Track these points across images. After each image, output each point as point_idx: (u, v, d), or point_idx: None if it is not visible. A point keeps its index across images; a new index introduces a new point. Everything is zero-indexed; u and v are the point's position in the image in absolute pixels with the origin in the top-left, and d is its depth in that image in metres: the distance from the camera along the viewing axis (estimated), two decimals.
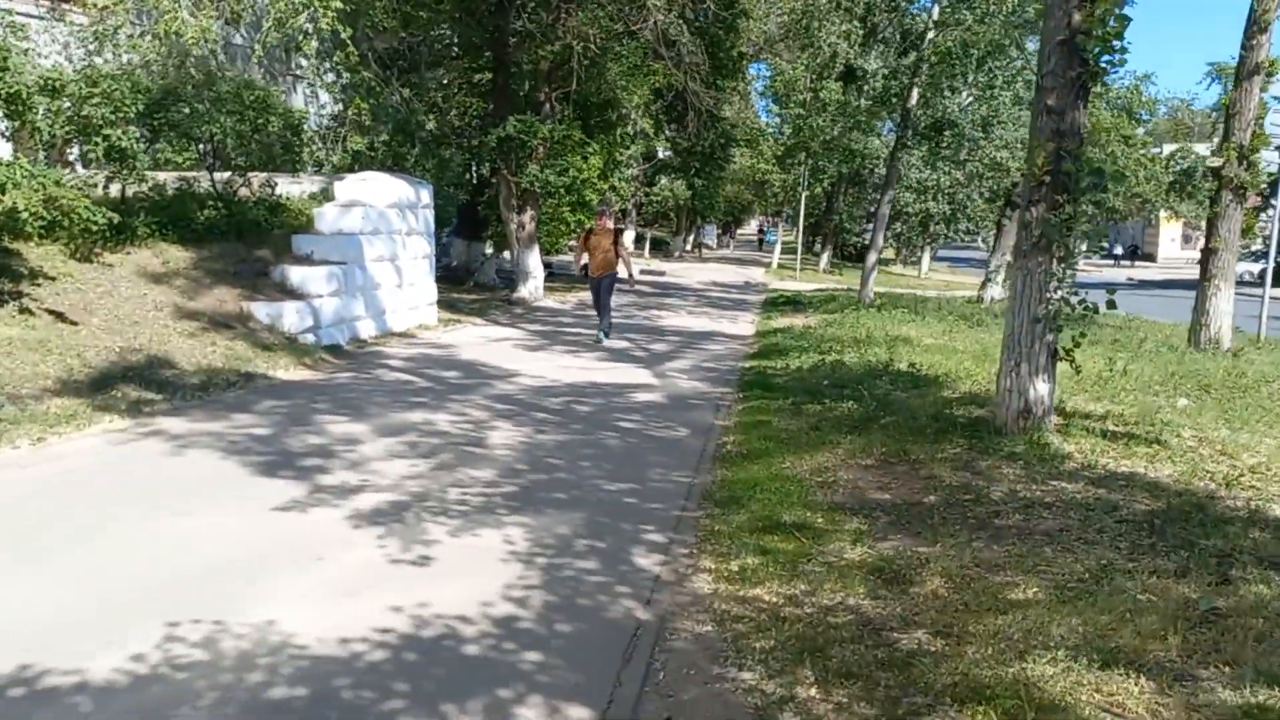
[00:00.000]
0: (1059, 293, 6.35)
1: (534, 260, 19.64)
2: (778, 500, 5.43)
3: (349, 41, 14.02)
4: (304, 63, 15.48)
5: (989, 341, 13.11)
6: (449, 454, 6.60)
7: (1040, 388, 6.37)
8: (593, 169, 21.35)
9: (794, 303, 22.54)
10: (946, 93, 20.05)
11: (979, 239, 79.43)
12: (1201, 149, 48.52)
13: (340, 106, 16.17)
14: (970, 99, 23.63)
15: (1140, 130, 51.48)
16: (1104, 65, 6.41)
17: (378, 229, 13.00)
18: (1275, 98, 16.58)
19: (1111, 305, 6.50)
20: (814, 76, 39.07)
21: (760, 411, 8.21)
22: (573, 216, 22.29)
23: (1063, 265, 6.31)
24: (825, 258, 42.01)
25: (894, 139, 21.31)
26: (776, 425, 7.56)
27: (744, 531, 4.96)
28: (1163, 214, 58.62)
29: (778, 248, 45.94)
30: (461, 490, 5.71)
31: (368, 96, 15.65)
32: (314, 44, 13.98)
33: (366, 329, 12.56)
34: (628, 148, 30.30)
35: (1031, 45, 28.15)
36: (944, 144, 20.63)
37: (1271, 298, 16.65)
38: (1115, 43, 6.38)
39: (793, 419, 7.77)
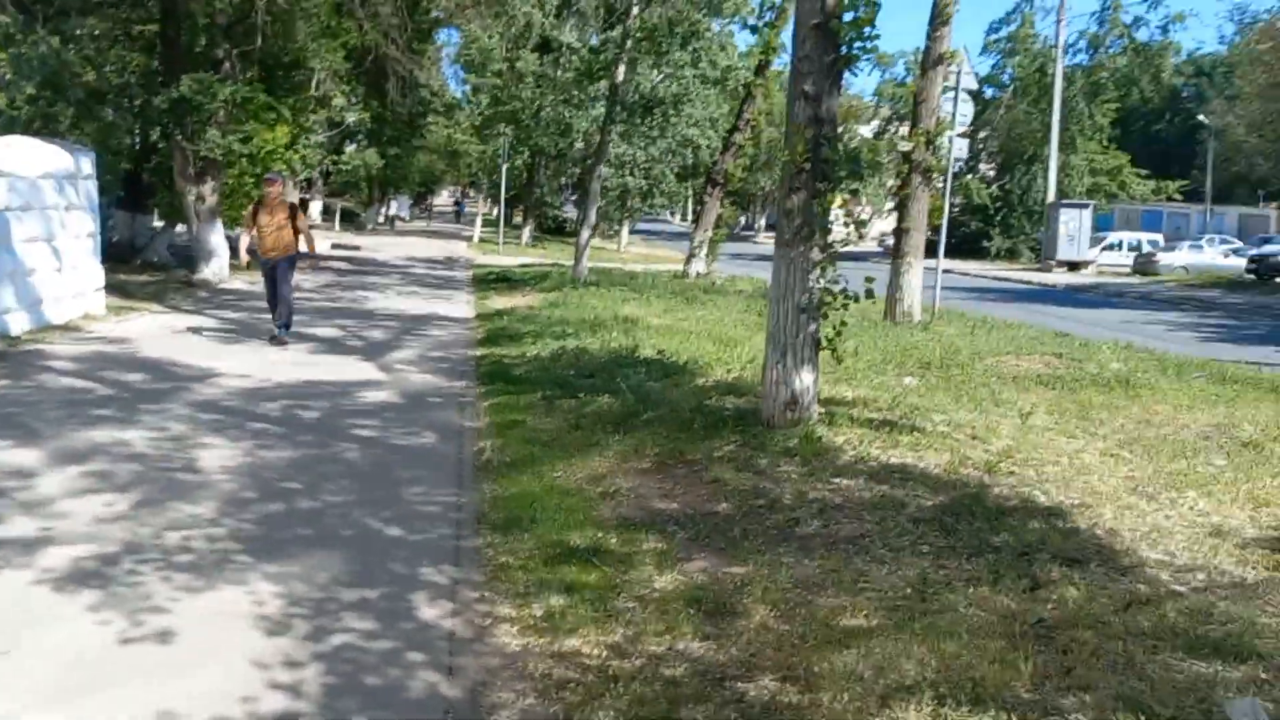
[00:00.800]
0: (821, 282, 6.28)
1: (216, 237, 17.70)
2: (563, 519, 4.92)
3: None
4: None
5: (713, 320, 13.34)
6: (155, 484, 5.49)
7: (806, 378, 6.29)
8: (280, 137, 19.61)
9: (507, 280, 22.00)
10: (653, 70, 20.22)
11: (671, 213, 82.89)
12: (866, 131, 53.17)
13: None
14: (661, 77, 24.11)
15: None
16: (857, 51, 6.38)
17: (29, 204, 10.96)
18: (949, 88, 18.05)
19: (870, 295, 6.53)
20: (510, 46, 38.52)
21: (510, 409, 7.63)
22: (258, 189, 20.41)
23: (825, 254, 6.24)
24: (528, 232, 41.75)
25: (603, 113, 21.26)
26: (533, 425, 7.03)
27: (536, 562, 4.41)
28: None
29: (478, 221, 45.08)
30: (183, 534, 4.70)
31: (4, 44, 13.19)
32: None
33: (19, 323, 10.58)
34: (315, 113, 28.33)
35: (717, 26, 29.38)
36: (652, 121, 20.79)
37: (932, 269, 18.21)
38: (867, 29, 6.37)
39: (548, 416, 7.27)
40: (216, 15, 16.63)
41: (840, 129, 6.56)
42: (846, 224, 7.30)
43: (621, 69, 19.72)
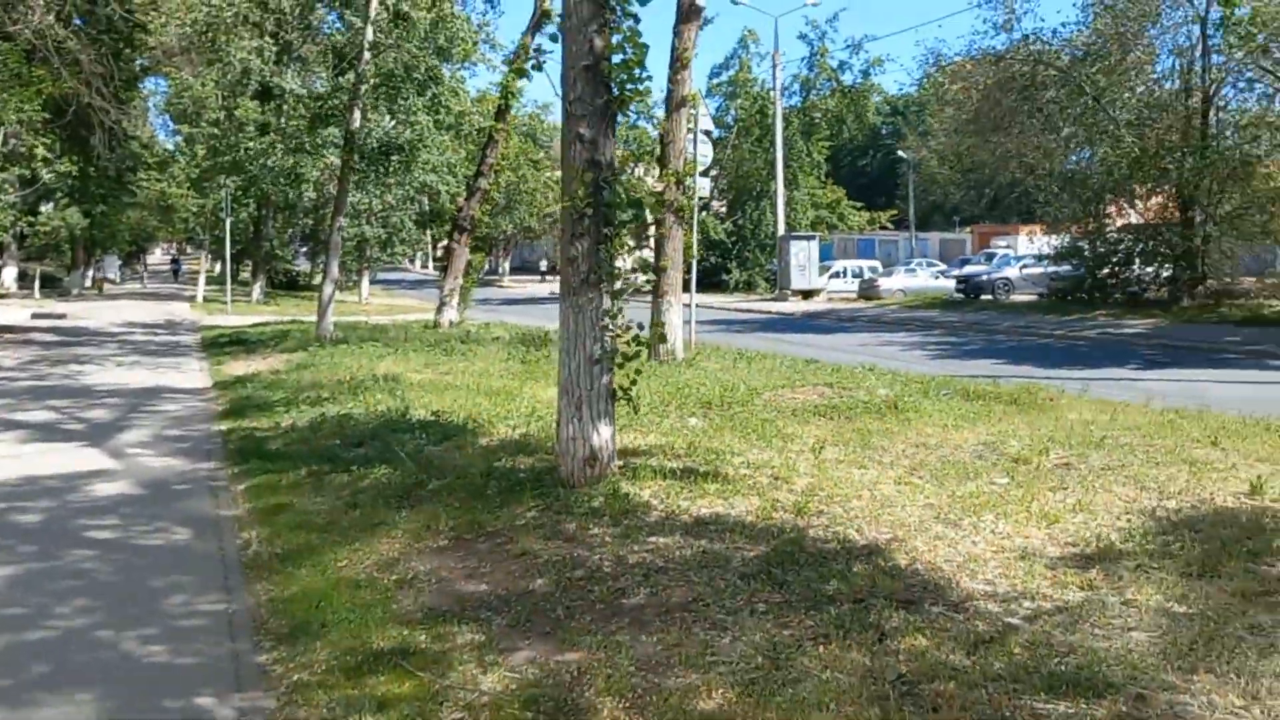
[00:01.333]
0: (612, 329, 6.03)
1: None
2: (359, 619, 4.32)
3: None
4: None
5: (479, 372, 12.85)
6: None
7: (604, 432, 6.00)
8: None
9: (242, 342, 20.41)
10: (387, 117, 19.51)
11: (410, 261, 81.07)
12: None
13: None
14: (394, 123, 23.42)
15: (543, 154, 56.33)
16: (629, 92, 6.23)
17: None
18: (690, 129, 18.57)
19: (640, 341, 6.34)
20: (227, 94, 36.31)
21: (273, 490, 6.84)
22: None
23: (615, 301, 6.00)
24: (258, 288, 39.29)
25: (338, 161, 20.28)
26: (302, 507, 6.30)
27: (336, 677, 3.80)
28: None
29: (201, 279, 41.95)
30: None
31: None
32: None
33: None
34: (5, 170, 25.34)
35: (448, 71, 28.96)
36: (389, 168, 20.04)
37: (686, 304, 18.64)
38: (637, 70, 6.24)
39: (318, 495, 6.55)
40: None
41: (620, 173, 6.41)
42: (633, 269, 7.11)
43: (357, 114, 18.92)
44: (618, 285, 6.07)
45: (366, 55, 18.52)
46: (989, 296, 32.68)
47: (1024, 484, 5.98)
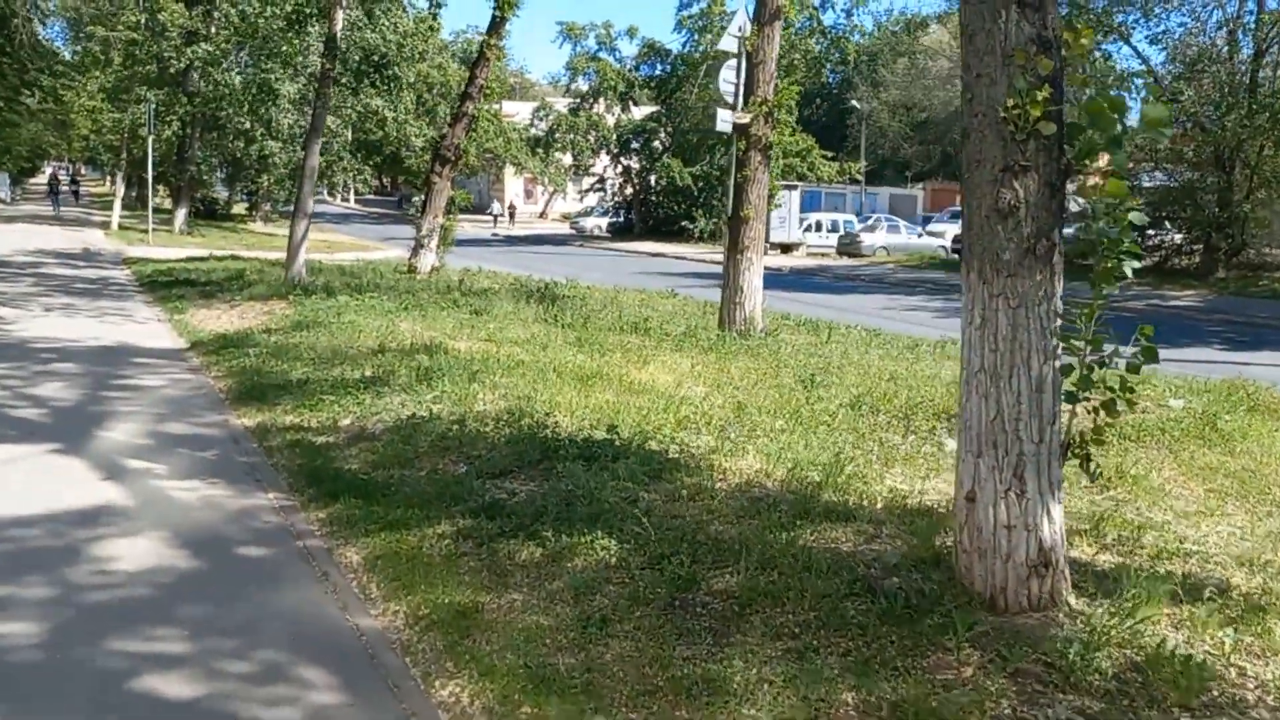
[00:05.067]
0: (1063, 339, 3.54)
1: None
2: None
3: None
4: None
5: (530, 339, 10.39)
6: None
7: (1055, 517, 3.54)
8: None
9: (190, 283, 17.19)
10: (367, 19, 16.34)
11: (330, 193, 76.26)
12: (561, 105, 50.80)
13: None
14: (378, 31, 20.13)
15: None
16: None
17: None
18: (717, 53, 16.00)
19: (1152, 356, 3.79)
20: None
21: (412, 567, 4.14)
22: None
23: (1098, 288, 3.49)
24: (181, 217, 35.23)
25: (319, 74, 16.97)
26: (499, 614, 3.70)
27: None
28: (509, 169, 61.22)
29: (118, 204, 37.65)
30: None
31: None
32: None
33: None
34: None
35: None
36: (381, 84, 16.88)
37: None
38: None
39: (508, 588, 3.93)
40: None
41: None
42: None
43: (340, 16, 15.71)
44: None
45: None
46: None
47: None
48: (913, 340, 12.49)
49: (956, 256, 31.48)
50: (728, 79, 16.95)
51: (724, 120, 17.02)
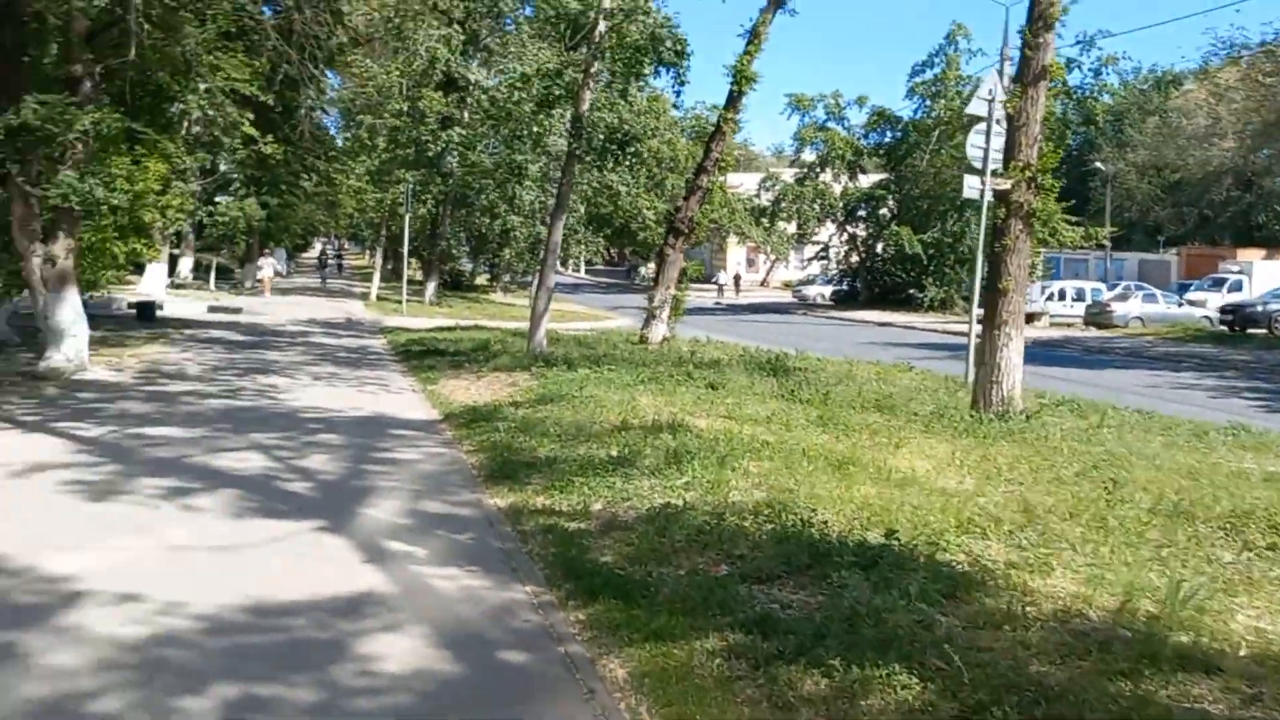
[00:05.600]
0: None
1: (70, 309, 13.22)
2: None
3: None
4: None
5: (771, 416, 10.09)
6: None
7: None
8: (152, 179, 15.40)
9: (438, 352, 18.00)
10: (620, 98, 16.83)
11: (564, 264, 79.44)
12: (789, 175, 50.84)
13: None
14: (626, 108, 20.65)
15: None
16: None
17: None
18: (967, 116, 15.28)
19: None
20: (411, 84, 34.64)
21: (685, 697, 3.79)
22: (122, 247, 16.04)
23: None
24: (432, 288, 37.50)
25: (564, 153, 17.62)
26: None
27: None
28: (732, 238, 61.65)
29: (376, 277, 40.60)
30: None
31: None
32: None
33: None
34: (193, 155, 23.80)
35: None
36: (623, 160, 17.23)
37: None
38: None
39: None
40: (74, 19, 12.35)
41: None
42: None
43: (587, 96, 16.19)
44: None
45: (602, 25, 15.75)
46: (1263, 330, 27.84)
47: None
48: (1196, 426, 11.20)
49: (1225, 329, 28.60)
50: (976, 144, 16.20)
51: (971, 187, 16.21)
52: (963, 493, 7.05)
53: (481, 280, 54.15)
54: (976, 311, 16.85)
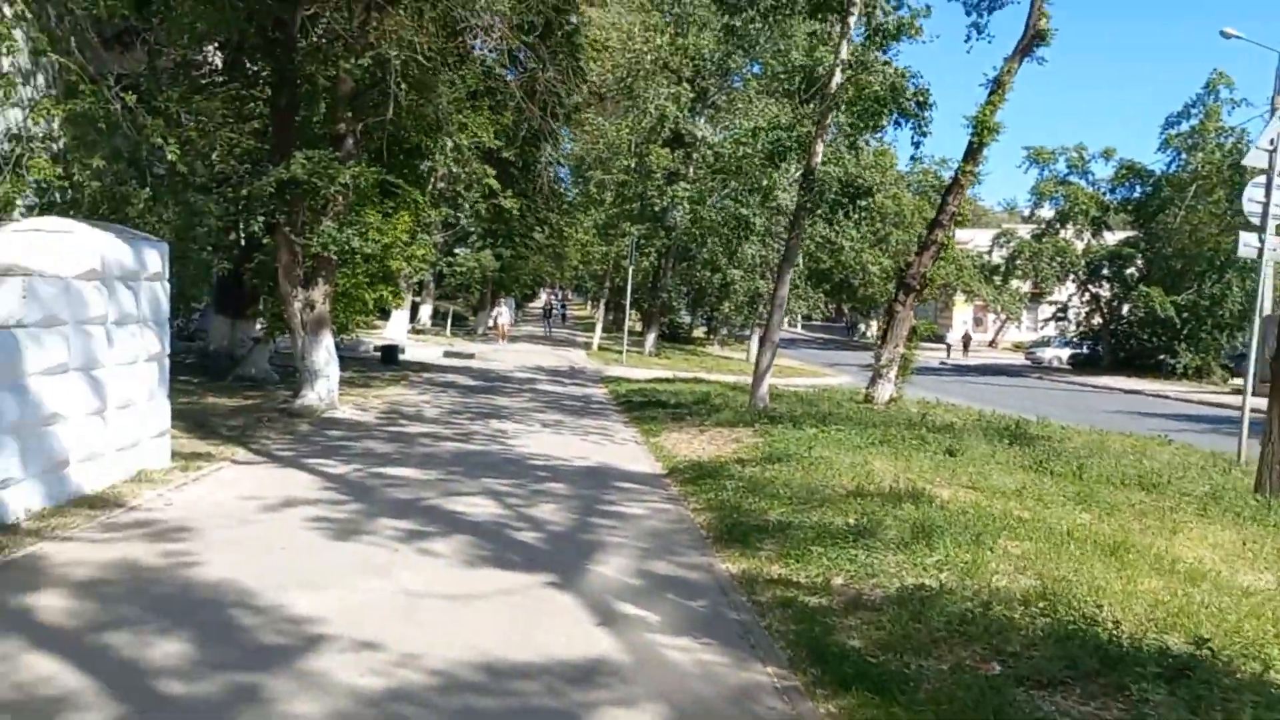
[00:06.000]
0: None
1: (325, 351, 14.06)
2: None
3: None
4: None
5: (1021, 489, 9.23)
6: None
7: None
8: (401, 230, 16.25)
9: (660, 404, 17.96)
10: (849, 150, 16.40)
11: (788, 320, 78.88)
12: (1024, 232, 48.50)
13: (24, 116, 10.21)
14: (855, 160, 20.15)
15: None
16: None
17: (56, 317, 7.28)
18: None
19: None
20: (639, 140, 35.52)
21: None
22: (371, 293, 16.99)
23: None
24: (651, 340, 37.96)
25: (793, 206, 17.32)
26: None
27: None
28: (958, 296, 59.12)
29: (598, 328, 41.59)
30: None
31: (66, 98, 9.85)
32: None
33: (24, 500, 6.79)
34: (437, 208, 25.20)
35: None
36: (854, 214, 16.74)
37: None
38: None
39: None
40: (340, 81, 13.26)
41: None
42: None
43: (820, 149, 15.83)
44: None
45: (839, 77, 15.40)
46: None
47: None
48: None
49: None
50: (1254, 198, 14.67)
51: (1247, 244, 14.66)
52: (1265, 591, 6.09)
53: (698, 332, 54.53)
54: (1247, 382, 15.12)
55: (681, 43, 34.19)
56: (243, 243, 17.44)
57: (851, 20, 15.29)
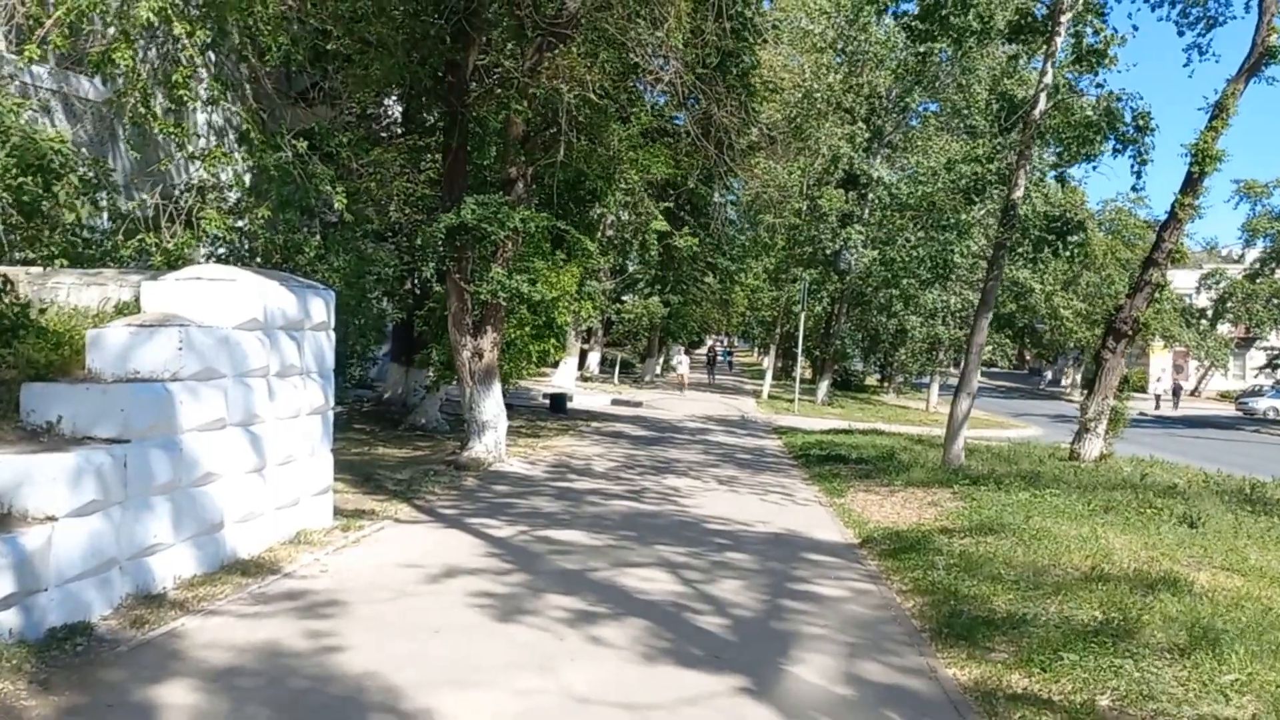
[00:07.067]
0: None
1: (494, 403, 13.59)
2: None
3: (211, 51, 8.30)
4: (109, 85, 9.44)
5: None
6: None
7: None
8: (570, 278, 15.72)
9: (840, 459, 16.71)
10: (1058, 182, 14.89)
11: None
12: (1234, 271, 44.53)
13: (196, 165, 10.22)
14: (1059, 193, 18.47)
15: (1130, 253, 47.79)
16: None
17: (213, 369, 6.90)
18: None
19: None
20: (811, 182, 34.44)
21: None
22: (536, 345, 16.50)
23: None
24: (824, 388, 36.48)
25: (992, 244, 15.89)
26: None
27: None
28: (1157, 343, 54.64)
29: (768, 376, 40.44)
30: None
31: (240, 145, 9.76)
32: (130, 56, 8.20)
33: (176, 566, 6.36)
34: (605, 256, 24.86)
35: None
36: (1064, 252, 15.14)
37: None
38: None
39: None
40: (513, 123, 12.91)
41: None
42: None
43: (1021, 180, 14.40)
44: None
45: (1042, 103, 13.98)
46: None
47: None
48: None
49: None
50: None
51: None
52: None
53: (870, 380, 52.43)
54: None
55: (856, 82, 33.04)
56: (417, 291, 17.43)
57: (1058, 41, 13.88)
